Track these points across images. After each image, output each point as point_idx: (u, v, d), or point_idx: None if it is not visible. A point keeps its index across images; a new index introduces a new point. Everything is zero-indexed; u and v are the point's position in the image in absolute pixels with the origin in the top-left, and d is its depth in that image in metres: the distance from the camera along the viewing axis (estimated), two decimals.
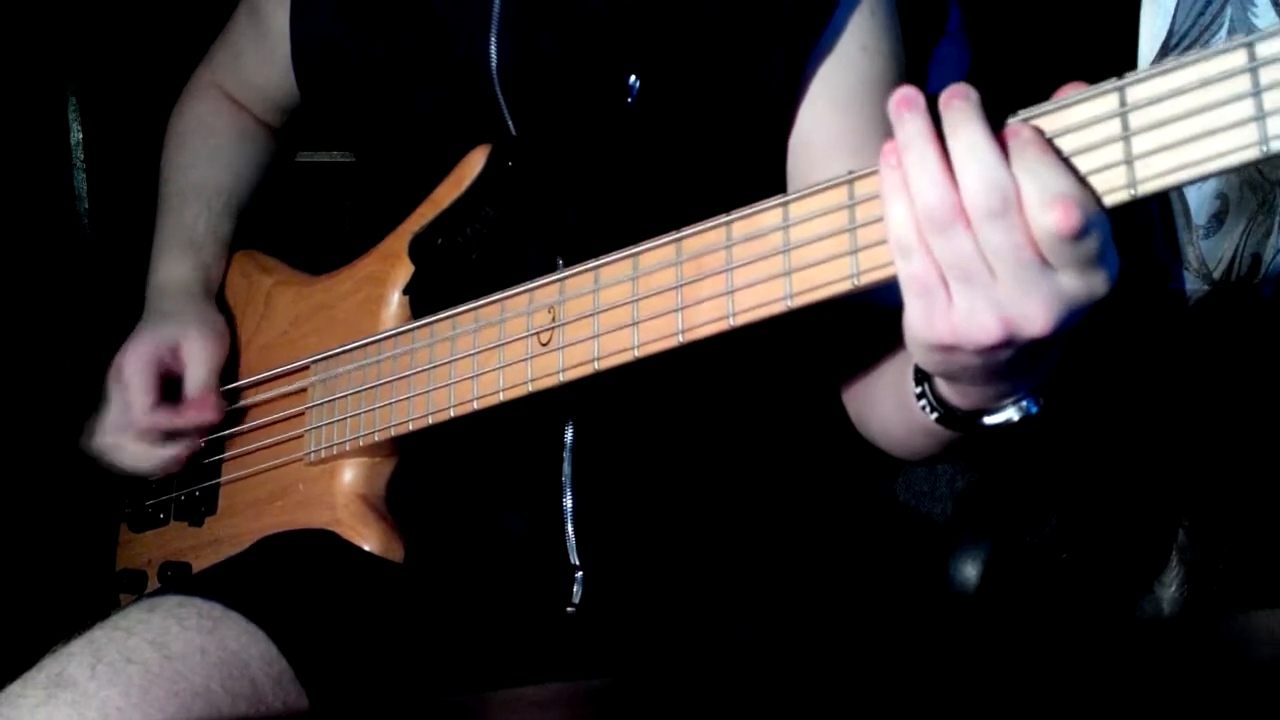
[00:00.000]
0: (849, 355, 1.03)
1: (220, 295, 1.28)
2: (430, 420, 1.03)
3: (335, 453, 1.11)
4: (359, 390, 1.09)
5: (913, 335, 0.74)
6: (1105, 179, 0.67)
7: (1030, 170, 0.67)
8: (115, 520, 1.33)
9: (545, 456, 1.09)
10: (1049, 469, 1.50)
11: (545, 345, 0.95)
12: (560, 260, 1.06)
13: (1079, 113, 0.68)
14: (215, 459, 1.23)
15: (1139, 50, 1.37)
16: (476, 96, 1.09)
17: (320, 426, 1.12)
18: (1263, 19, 1.36)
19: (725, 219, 0.85)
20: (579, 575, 1.09)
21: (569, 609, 1.09)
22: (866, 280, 0.76)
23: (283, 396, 1.18)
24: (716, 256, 0.85)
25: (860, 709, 0.72)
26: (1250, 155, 0.62)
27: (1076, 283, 0.69)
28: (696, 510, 1.10)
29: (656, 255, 0.89)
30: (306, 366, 1.16)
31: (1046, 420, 0.83)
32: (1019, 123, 0.70)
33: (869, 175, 0.76)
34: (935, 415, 0.85)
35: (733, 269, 0.84)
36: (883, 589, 1.17)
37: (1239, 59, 0.63)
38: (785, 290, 0.81)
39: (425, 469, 1.14)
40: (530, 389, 0.96)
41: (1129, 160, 0.66)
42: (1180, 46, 1.36)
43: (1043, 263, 0.68)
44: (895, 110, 0.71)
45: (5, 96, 1.64)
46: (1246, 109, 0.62)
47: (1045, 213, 0.67)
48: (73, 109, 1.68)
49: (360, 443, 1.09)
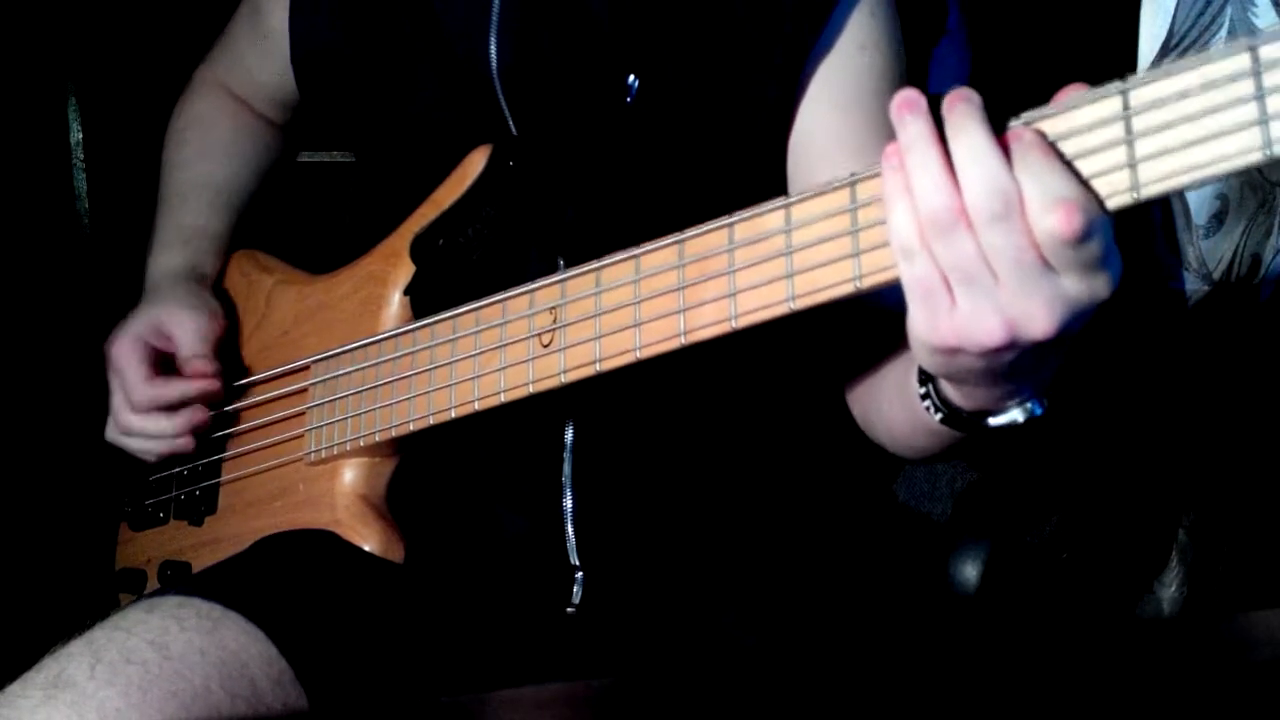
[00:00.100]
0: (853, 356, 1.03)
1: (220, 294, 1.28)
2: (431, 421, 1.03)
3: (336, 453, 1.11)
4: (360, 390, 1.09)
5: (916, 337, 0.74)
6: (1108, 182, 0.67)
7: (1032, 173, 0.67)
8: (115, 519, 1.33)
9: (546, 457, 1.09)
10: (1049, 469, 1.51)
11: (547, 346, 0.95)
12: (561, 261, 1.06)
13: (1082, 116, 0.68)
14: (215, 458, 1.23)
15: (1139, 50, 1.37)
16: (477, 96, 1.09)
17: (321, 426, 1.12)
18: (1263, 19, 1.36)
19: (727, 221, 0.85)
20: (579, 575, 1.09)
21: (569, 609, 1.09)
22: (869, 283, 0.77)
23: (283, 396, 1.18)
24: (719, 259, 0.85)
25: (860, 709, 0.72)
26: (1254, 159, 0.63)
27: (1079, 285, 0.69)
28: (696, 511, 1.10)
29: (659, 257, 0.88)
30: (307, 366, 1.16)
31: (1048, 420, 0.83)
32: (1021, 125, 0.69)
33: (871, 178, 0.76)
34: (940, 416, 0.85)
35: (735, 271, 0.84)
36: (883, 589, 1.17)
37: (1243, 62, 0.63)
38: (788, 293, 0.81)
39: (426, 469, 1.14)
40: (531, 390, 0.96)
41: (1132, 163, 0.66)
42: (1180, 47, 1.36)
43: (1045, 265, 0.68)
44: (897, 112, 0.71)
45: (5, 96, 1.64)
46: (1250, 113, 0.62)
47: (1047, 216, 0.67)
48: (73, 109, 1.68)
49: (361, 443, 1.08)
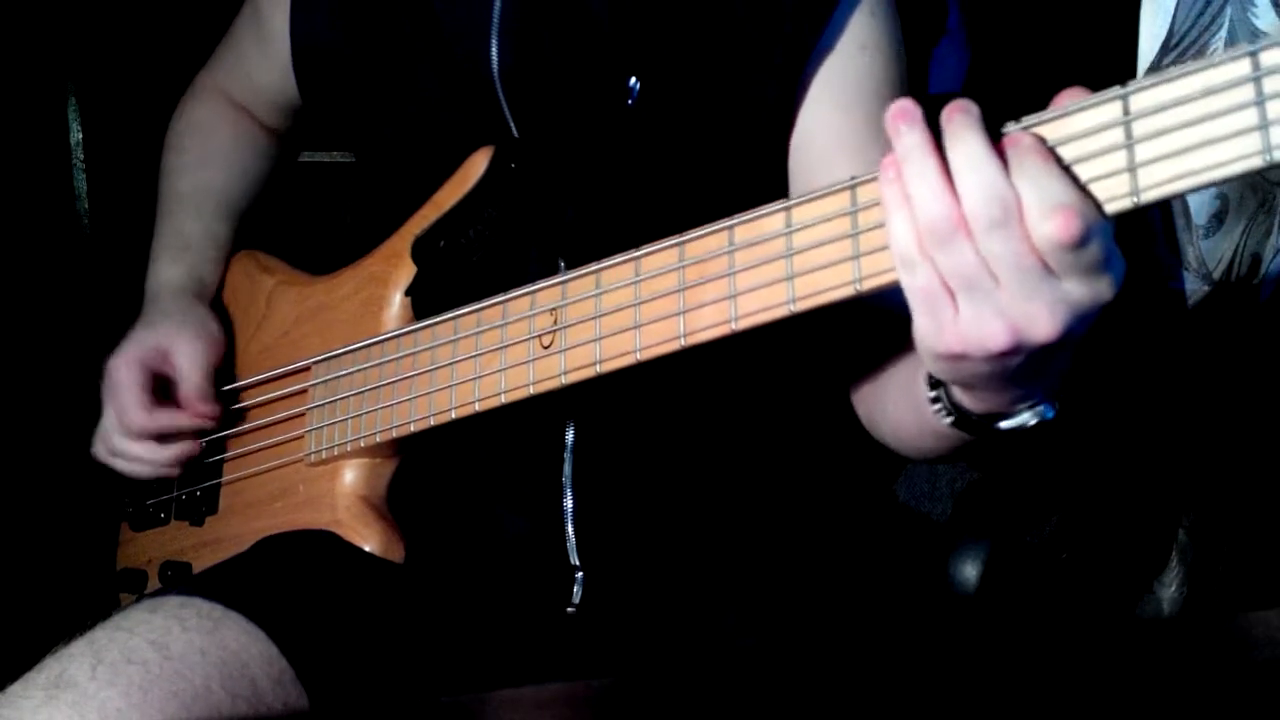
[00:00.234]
0: (858, 358, 1.03)
1: (221, 296, 1.28)
2: (432, 421, 1.03)
3: (336, 453, 1.11)
4: (360, 391, 1.09)
5: (923, 345, 0.75)
6: (1108, 186, 0.67)
7: (1030, 179, 0.67)
8: (116, 519, 1.33)
9: (546, 457, 1.09)
10: (1049, 469, 1.51)
11: (547, 348, 0.95)
12: (562, 262, 1.06)
13: (1082, 120, 0.68)
14: (216, 459, 1.23)
15: (1139, 51, 1.37)
16: (478, 98, 1.09)
17: (321, 427, 1.12)
18: (1263, 20, 1.36)
19: (728, 223, 0.85)
20: (579, 576, 1.09)
21: (569, 609, 1.09)
22: (869, 285, 0.77)
23: (284, 397, 1.18)
24: (719, 261, 0.85)
25: (860, 709, 0.72)
26: (1254, 164, 0.63)
27: (1081, 289, 0.69)
28: (696, 511, 1.10)
29: (659, 259, 0.89)
30: (308, 367, 1.16)
31: (1058, 423, 0.83)
32: (1020, 130, 0.70)
33: (871, 181, 0.76)
34: (950, 420, 0.85)
35: (735, 273, 0.84)
36: (883, 589, 1.17)
37: (1243, 68, 0.63)
38: (788, 295, 0.81)
39: (426, 470, 1.14)
40: (532, 391, 0.96)
41: (1132, 168, 0.66)
42: (1180, 47, 1.36)
43: (1046, 269, 0.68)
44: (892, 123, 0.71)
45: (5, 96, 1.64)
46: (1250, 118, 0.63)
47: (1046, 221, 0.67)
48: (73, 109, 1.68)
49: (361, 443, 1.09)
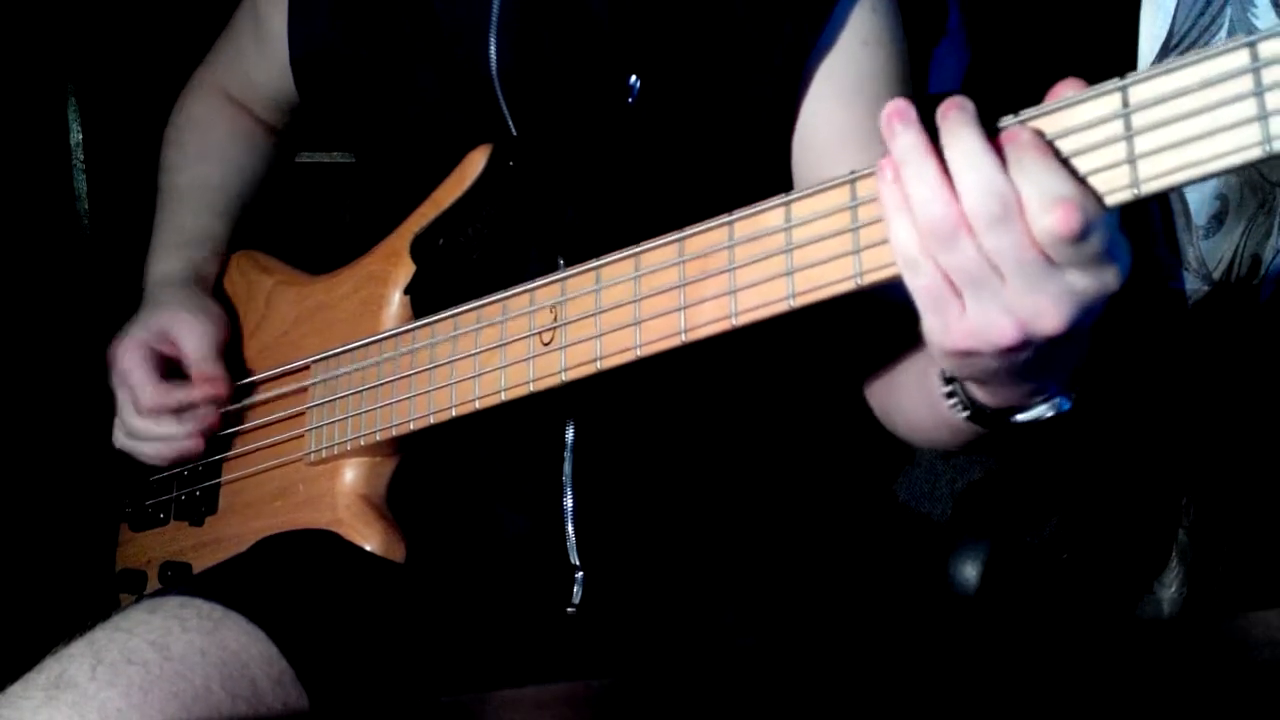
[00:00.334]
0: (871, 351, 1.03)
1: (220, 295, 1.27)
2: (432, 420, 1.03)
3: (336, 452, 1.11)
4: (360, 390, 1.09)
5: (933, 343, 0.75)
6: (1108, 179, 0.67)
7: (1029, 174, 0.67)
8: (115, 520, 1.33)
9: (546, 456, 1.09)
10: (1048, 469, 1.51)
11: (547, 345, 0.95)
12: (561, 260, 1.06)
13: (1081, 113, 0.68)
14: (216, 459, 1.23)
15: (1139, 50, 1.37)
16: (476, 97, 1.09)
17: (321, 426, 1.12)
18: (1263, 19, 1.36)
19: (727, 219, 0.85)
20: (579, 575, 1.09)
21: (569, 609, 1.09)
22: (869, 280, 0.77)
23: (283, 396, 1.18)
24: (719, 256, 0.85)
25: (860, 709, 0.72)
26: (1253, 155, 0.63)
27: (1085, 280, 0.69)
28: (697, 510, 1.10)
29: (659, 255, 0.89)
30: (307, 366, 1.16)
31: (1074, 415, 0.83)
32: (1017, 125, 0.70)
33: (871, 175, 0.76)
34: (965, 414, 0.85)
35: (735, 269, 0.84)
36: (883, 589, 1.17)
37: (1241, 59, 0.63)
38: (788, 290, 0.81)
39: (426, 469, 1.14)
40: (532, 389, 0.96)
41: (1132, 160, 0.66)
42: (1180, 47, 1.36)
43: (1049, 262, 0.68)
44: (887, 124, 0.71)
45: (5, 96, 1.64)
46: (1249, 109, 0.63)
47: (1045, 215, 0.67)
48: (73, 109, 1.68)
49: (361, 442, 1.08)
